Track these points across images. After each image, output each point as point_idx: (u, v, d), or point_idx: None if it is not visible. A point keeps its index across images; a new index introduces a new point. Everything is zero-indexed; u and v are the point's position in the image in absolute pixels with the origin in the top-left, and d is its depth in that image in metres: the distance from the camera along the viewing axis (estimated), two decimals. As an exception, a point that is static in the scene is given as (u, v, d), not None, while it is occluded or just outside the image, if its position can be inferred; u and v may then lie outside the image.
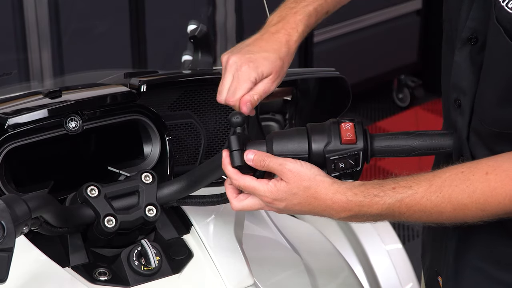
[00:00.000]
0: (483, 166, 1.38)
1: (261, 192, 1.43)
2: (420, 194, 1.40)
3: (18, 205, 1.29)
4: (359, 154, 1.43)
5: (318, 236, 1.90)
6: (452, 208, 1.39)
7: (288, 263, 1.68)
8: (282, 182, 1.42)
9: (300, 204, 1.43)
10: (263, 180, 1.44)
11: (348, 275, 1.74)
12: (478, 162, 1.40)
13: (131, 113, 1.66)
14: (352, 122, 1.44)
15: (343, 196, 1.41)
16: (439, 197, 1.39)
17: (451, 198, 1.39)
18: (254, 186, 1.43)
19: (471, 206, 1.38)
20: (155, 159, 1.69)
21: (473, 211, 1.39)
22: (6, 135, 1.55)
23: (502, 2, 1.33)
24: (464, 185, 1.38)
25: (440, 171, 1.41)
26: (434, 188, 1.39)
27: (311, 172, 1.42)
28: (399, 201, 1.40)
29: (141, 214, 1.50)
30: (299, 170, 1.42)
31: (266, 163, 1.43)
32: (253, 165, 1.44)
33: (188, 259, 1.53)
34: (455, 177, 1.39)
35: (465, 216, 1.40)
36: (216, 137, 1.79)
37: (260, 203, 1.45)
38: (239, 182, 1.44)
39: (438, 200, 1.39)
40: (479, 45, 1.42)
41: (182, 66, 2.01)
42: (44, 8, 3.47)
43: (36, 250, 1.50)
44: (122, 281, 1.47)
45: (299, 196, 1.42)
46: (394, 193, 1.40)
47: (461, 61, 1.45)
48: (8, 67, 3.20)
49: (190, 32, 1.92)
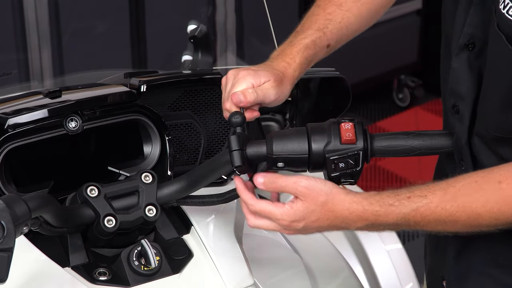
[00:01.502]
0: (496, 176, 1.39)
1: (278, 216, 1.43)
2: (435, 203, 1.41)
3: (18, 205, 1.29)
4: (359, 154, 1.43)
5: (318, 236, 1.89)
6: (467, 217, 1.40)
7: (288, 263, 1.68)
8: (299, 202, 1.42)
9: (319, 220, 1.43)
10: (279, 203, 1.43)
11: (348, 275, 1.74)
12: (491, 171, 1.41)
13: (131, 113, 1.66)
14: (352, 122, 1.44)
15: (359, 206, 1.42)
16: (454, 206, 1.40)
17: (465, 207, 1.40)
18: (270, 210, 1.43)
19: (485, 215, 1.40)
20: (155, 159, 1.69)
21: (487, 220, 1.40)
22: (6, 135, 1.55)
23: (502, 9, 1.32)
24: (478, 194, 1.40)
25: (454, 180, 1.42)
26: (448, 197, 1.41)
27: (326, 186, 1.42)
28: (414, 210, 1.41)
29: (141, 214, 1.50)
30: (315, 185, 1.42)
31: (278, 184, 1.43)
32: (265, 188, 1.44)
33: (188, 259, 1.53)
34: (469, 186, 1.41)
35: (479, 225, 1.42)
36: (216, 137, 1.79)
37: (276, 226, 1.45)
38: (255, 207, 1.44)
39: (452, 209, 1.41)
40: (477, 50, 1.42)
41: (182, 66, 2.01)
42: (44, 8, 3.47)
43: (36, 250, 1.50)
44: (122, 281, 1.47)
45: (317, 212, 1.42)
46: (409, 203, 1.41)
47: (458, 67, 1.46)
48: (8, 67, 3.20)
49: (190, 32, 1.92)
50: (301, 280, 1.64)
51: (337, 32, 1.65)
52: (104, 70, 2.46)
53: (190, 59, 1.95)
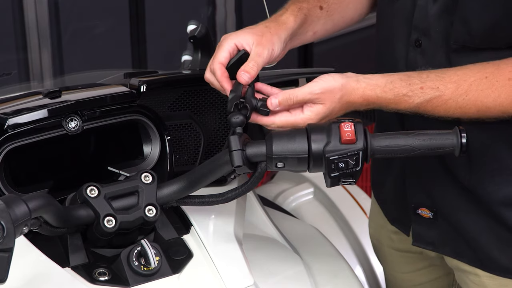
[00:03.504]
0: (505, 72, 1.50)
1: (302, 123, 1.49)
2: (447, 96, 1.51)
3: (18, 206, 1.29)
4: (359, 154, 1.43)
5: (318, 236, 1.89)
6: (476, 110, 1.51)
7: (288, 263, 1.68)
8: (318, 105, 1.49)
9: (337, 113, 1.52)
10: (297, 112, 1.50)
11: (348, 275, 1.74)
12: (499, 67, 1.51)
13: (130, 113, 1.66)
14: (352, 122, 1.44)
15: (373, 93, 1.51)
16: (465, 100, 1.51)
17: (476, 101, 1.51)
18: (294, 120, 1.50)
19: (494, 109, 1.51)
20: (155, 159, 1.69)
21: (495, 113, 1.52)
22: (6, 135, 1.55)
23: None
24: (490, 90, 1.51)
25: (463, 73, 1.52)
26: (460, 92, 1.51)
27: (337, 81, 1.50)
28: (426, 101, 1.51)
29: (140, 214, 1.50)
30: (328, 86, 1.49)
31: (295, 100, 1.49)
32: (282, 107, 1.49)
33: (187, 259, 1.53)
34: (480, 82, 1.51)
35: (487, 116, 1.54)
36: (215, 137, 1.79)
37: None
38: (277, 123, 1.50)
39: (463, 102, 1.51)
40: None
41: (182, 66, 2.00)
42: (44, 8, 3.47)
43: (36, 250, 1.50)
44: (121, 281, 1.46)
45: (337, 108, 1.51)
46: (422, 94, 1.51)
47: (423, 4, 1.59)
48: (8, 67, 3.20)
49: (190, 32, 1.92)
50: (301, 280, 1.64)
51: None
52: (104, 70, 2.46)
53: (190, 59, 1.94)
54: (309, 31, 1.70)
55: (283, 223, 1.87)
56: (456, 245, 1.72)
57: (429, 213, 1.73)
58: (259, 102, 1.51)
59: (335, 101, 1.49)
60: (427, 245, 1.77)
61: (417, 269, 1.93)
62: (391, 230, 1.91)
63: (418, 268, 1.93)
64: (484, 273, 1.70)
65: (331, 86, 1.49)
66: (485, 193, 1.64)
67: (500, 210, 1.64)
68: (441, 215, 1.72)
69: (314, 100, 1.49)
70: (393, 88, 1.51)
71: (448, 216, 1.71)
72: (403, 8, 1.65)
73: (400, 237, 1.88)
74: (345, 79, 1.50)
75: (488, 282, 1.70)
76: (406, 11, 1.64)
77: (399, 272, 1.98)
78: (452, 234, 1.72)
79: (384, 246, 1.98)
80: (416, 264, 1.92)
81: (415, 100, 1.51)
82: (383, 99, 1.51)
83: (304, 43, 1.73)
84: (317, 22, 1.71)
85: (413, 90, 1.51)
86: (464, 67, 1.54)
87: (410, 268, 1.95)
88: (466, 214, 1.68)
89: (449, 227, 1.71)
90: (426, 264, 1.91)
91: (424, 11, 1.60)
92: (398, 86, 1.51)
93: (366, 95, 1.51)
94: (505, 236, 1.65)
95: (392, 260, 1.98)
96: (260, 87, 1.55)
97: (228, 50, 1.56)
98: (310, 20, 1.69)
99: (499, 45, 1.54)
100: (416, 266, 1.93)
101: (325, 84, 1.49)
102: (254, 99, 1.51)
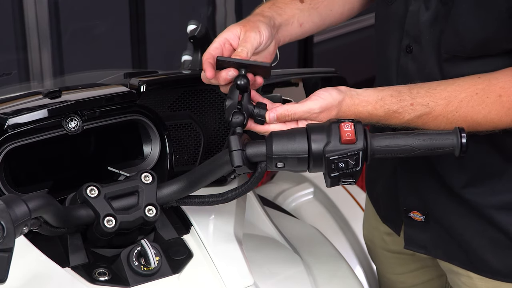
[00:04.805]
0: (496, 89, 1.50)
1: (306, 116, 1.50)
2: (438, 112, 1.51)
3: (18, 206, 1.29)
4: (358, 154, 1.43)
5: (318, 236, 1.89)
6: (466, 126, 1.51)
7: (288, 263, 1.68)
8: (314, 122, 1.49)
9: None
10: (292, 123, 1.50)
11: (348, 275, 1.74)
12: (490, 83, 1.50)
13: (130, 113, 1.66)
14: (352, 122, 1.44)
15: (364, 110, 1.51)
16: (456, 116, 1.52)
17: (466, 117, 1.51)
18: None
19: (484, 124, 1.52)
20: (155, 159, 1.69)
21: (486, 128, 1.53)
22: (6, 135, 1.55)
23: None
24: (480, 107, 1.51)
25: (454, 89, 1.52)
26: (451, 108, 1.51)
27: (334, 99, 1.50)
28: (417, 117, 1.52)
29: (140, 214, 1.50)
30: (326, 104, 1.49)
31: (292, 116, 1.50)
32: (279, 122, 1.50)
33: (187, 259, 1.53)
34: (471, 98, 1.51)
35: (476, 131, 1.54)
36: (215, 137, 1.79)
37: None
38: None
39: (454, 118, 1.52)
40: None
41: (182, 66, 2.01)
42: (44, 8, 3.47)
43: (36, 250, 1.50)
44: (121, 281, 1.47)
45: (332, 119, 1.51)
46: (412, 110, 1.51)
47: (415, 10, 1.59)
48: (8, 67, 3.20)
49: (190, 32, 1.92)
50: (301, 280, 1.64)
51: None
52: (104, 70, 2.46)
53: (190, 59, 1.95)
54: (294, 22, 1.69)
55: (283, 223, 1.87)
56: (448, 248, 1.72)
57: (421, 216, 1.73)
58: (255, 109, 1.51)
59: (331, 115, 1.51)
60: (419, 249, 1.77)
61: (409, 271, 1.94)
62: (384, 231, 1.91)
63: (410, 269, 1.93)
64: (476, 275, 1.70)
65: (329, 104, 1.50)
66: (476, 197, 1.64)
67: (492, 213, 1.64)
68: (433, 218, 1.72)
69: (311, 118, 1.50)
70: (383, 105, 1.52)
71: (440, 219, 1.71)
72: (396, 12, 1.65)
73: (393, 238, 1.88)
74: (341, 95, 1.51)
75: (480, 284, 1.71)
76: (398, 15, 1.64)
77: (392, 274, 1.99)
78: (444, 237, 1.72)
79: (377, 247, 1.99)
80: (408, 265, 1.93)
81: (405, 117, 1.52)
82: (374, 115, 1.52)
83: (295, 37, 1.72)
84: (301, 14, 1.70)
85: (403, 106, 1.51)
86: (454, 81, 1.53)
87: (402, 269, 1.95)
88: (458, 217, 1.68)
89: (441, 230, 1.71)
90: (418, 265, 1.91)
91: (416, 17, 1.60)
92: (388, 103, 1.51)
93: (358, 111, 1.51)
94: (497, 238, 1.65)
95: (385, 261, 1.98)
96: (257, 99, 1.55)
97: (219, 42, 1.57)
98: (290, 12, 1.68)
99: (491, 53, 1.54)
100: (408, 267, 1.93)
101: (324, 102, 1.49)
102: (250, 105, 1.51)
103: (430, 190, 1.70)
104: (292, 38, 1.71)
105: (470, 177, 1.64)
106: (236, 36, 1.57)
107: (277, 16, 1.64)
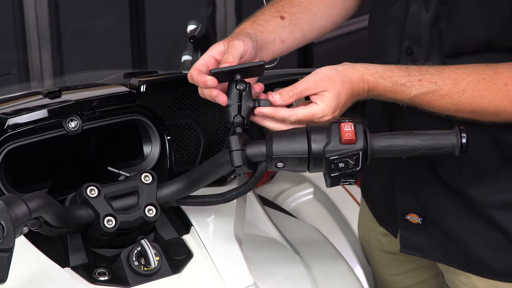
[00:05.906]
0: (503, 77, 1.51)
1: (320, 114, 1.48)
2: (444, 92, 1.52)
3: (18, 206, 1.29)
4: (359, 154, 1.43)
5: (318, 236, 1.89)
6: (471, 110, 1.52)
7: (288, 263, 1.68)
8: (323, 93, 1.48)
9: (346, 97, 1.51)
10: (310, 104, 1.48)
11: (348, 275, 1.74)
12: (497, 71, 1.52)
13: (130, 113, 1.66)
14: (352, 122, 1.44)
15: (373, 78, 1.52)
16: (462, 98, 1.52)
17: (472, 101, 1.52)
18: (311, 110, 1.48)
19: (488, 111, 1.52)
20: (155, 159, 1.69)
21: (489, 115, 1.53)
22: (6, 135, 1.55)
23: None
24: (486, 92, 1.52)
25: (463, 71, 1.52)
26: (457, 89, 1.52)
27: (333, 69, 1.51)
28: (423, 94, 1.52)
29: (140, 214, 1.50)
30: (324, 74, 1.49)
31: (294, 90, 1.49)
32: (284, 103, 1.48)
33: (187, 259, 1.53)
34: (478, 82, 1.51)
35: (479, 118, 1.54)
36: (215, 137, 1.79)
37: None
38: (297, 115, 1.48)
39: (459, 100, 1.52)
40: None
41: (182, 66, 2.01)
42: (44, 8, 3.47)
43: (36, 250, 1.50)
44: (121, 281, 1.47)
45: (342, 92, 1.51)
46: (420, 86, 1.52)
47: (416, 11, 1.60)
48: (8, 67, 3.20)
49: (190, 32, 1.92)
50: (301, 280, 1.64)
51: None
52: (104, 70, 2.46)
53: (190, 59, 1.95)
54: (276, 39, 1.67)
55: (283, 223, 1.87)
56: (446, 250, 1.72)
57: (418, 218, 1.73)
58: (256, 102, 1.50)
59: (337, 85, 1.49)
60: (416, 252, 1.77)
61: (405, 271, 1.94)
62: (380, 232, 1.91)
63: (406, 270, 1.93)
64: (475, 275, 1.70)
65: (327, 73, 1.50)
66: (475, 196, 1.64)
67: (491, 213, 1.64)
68: (430, 220, 1.72)
69: (315, 89, 1.49)
70: (391, 76, 1.52)
71: (438, 221, 1.71)
72: (396, 14, 1.65)
73: (389, 239, 1.88)
74: (341, 66, 1.53)
75: (478, 283, 1.70)
76: (399, 18, 1.64)
77: (387, 274, 1.99)
78: (441, 239, 1.72)
79: (372, 248, 1.99)
80: (404, 266, 1.93)
81: (412, 92, 1.52)
82: (382, 85, 1.52)
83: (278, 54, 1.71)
84: (282, 30, 1.68)
85: (411, 81, 1.52)
86: (463, 66, 1.54)
87: (398, 270, 1.95)
88: (456, 218, 1.68)
89: (439, 232, 1.71)
90: (414, 266, 1.91)
91: (417, 19, 1.60)
92: (396, 75, 1.52)
93: (366, 78, 1.52)
94: (496, 238, 1.65)
95: (381, 262, 1.99)
96: None
97: (205, 60, 1.55)
98: (271, 29, 1.66)
99: (495, 50, 1.55)
100: (404, 268, 1.93)
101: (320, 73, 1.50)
102: (251, 101, 1.50)
103: (428, 190, 1.70)
104: (275, 55, 1.70)
105: (470, 176, 1.64)
106: (220, 52, 1.55)
107: (258, 34, 1.63)
